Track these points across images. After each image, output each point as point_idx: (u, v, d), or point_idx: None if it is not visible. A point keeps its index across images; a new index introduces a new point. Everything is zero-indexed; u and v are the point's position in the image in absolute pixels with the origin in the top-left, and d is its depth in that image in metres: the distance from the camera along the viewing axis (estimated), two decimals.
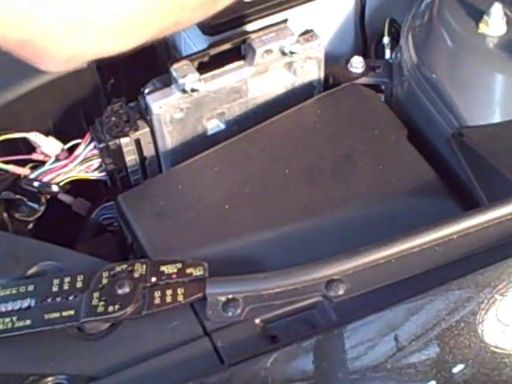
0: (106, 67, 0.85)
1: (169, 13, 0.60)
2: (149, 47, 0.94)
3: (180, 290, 0.56)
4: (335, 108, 0.74)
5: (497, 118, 0.67)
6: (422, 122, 0.73)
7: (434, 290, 0.55)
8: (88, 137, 0.71)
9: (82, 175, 0.72)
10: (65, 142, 0.72)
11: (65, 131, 0.74)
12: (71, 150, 0.72)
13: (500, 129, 0.66)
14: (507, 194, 0.59)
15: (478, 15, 0.69)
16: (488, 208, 0.58)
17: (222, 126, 0.74)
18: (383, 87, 0.78)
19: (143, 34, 0.60)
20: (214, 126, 0.74)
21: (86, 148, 0.71)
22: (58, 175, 0.72)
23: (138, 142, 0.71)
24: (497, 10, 0.68)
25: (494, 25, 0.68)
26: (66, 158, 0.72)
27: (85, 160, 0.71)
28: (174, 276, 0.57)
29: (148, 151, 0.73)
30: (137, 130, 0.71)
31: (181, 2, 0.60)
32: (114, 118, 0.71)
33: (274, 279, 0.56)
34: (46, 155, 0.72)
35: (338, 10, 0.84)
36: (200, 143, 0.73)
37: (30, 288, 0.58)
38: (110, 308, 0.55)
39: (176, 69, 0.69)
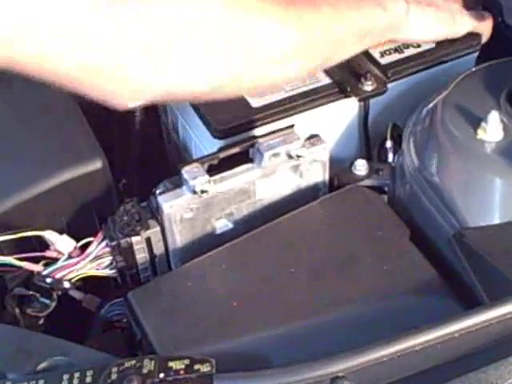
0: (118, 168, 0.88)
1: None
2: (160, 150, 0.99)
3: None
4: (340, 209, 0.76)
5: (496, 220, 0.70)
6: (424, 222, 0.75)
7: None
8: (100, 235, 0.73)
9: (94, 272, 0.74)
10: (78, 240, 0.75)
11: (78, 229, 0.76)
12: (84, 247, 0.74)
13: (500, 230, 0.69)
14: (508, 293, 0.60)
15: (476, 122, 0.72)
16: (489, 307, 0.60)
17: (230, 226, 0.76)
18: (386, 189, 0.81)
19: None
20: (222, 225, 0.76)
21: (98, 246, 0.73)
22: (71, 272, 0.74)
23: (148, 241, 0.74)
24: (494, 117, 0.71)
25: (491, 131, 0.71)
26: (79, 255, 0.74)
27: (96, 257, 0.73)
28: (182, 372, 0.58)
29: (158, 249, 0.75)
30: (148, 228, 0.73)
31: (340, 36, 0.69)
32: (126, 217, 0.73)
33: (279, 376, 0.57)
34: (59, 252, 0.74)
35: (342, 116, 0.87)
36: (208, 242, 0.75)
37: (41, 383, 0.59)
38: None
39: (187, 171, 0.72)
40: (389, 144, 0.84)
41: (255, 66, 0.67)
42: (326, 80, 0.86)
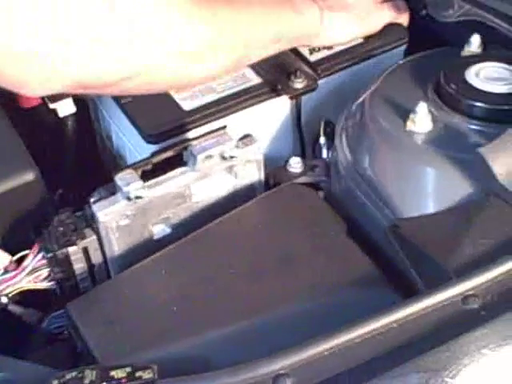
0: (53, 178, 0.87)
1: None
2: (95, 157, 0.98)
3: None
4: (276, 207, 0.77)
5: (430, 209, 0.71)
6: (360, 216, 0.76)
7: (379, 378, 0.57)
8: (36, 247, 0.72)
9: (32, 285, 0.73)
10: (14, 254, 0.74)
11: (13, 243, 0.75)
12: (20, 260, 0.73)
13: (433, 219, 0.70)
14: (443, 280, 0.62)
15: (405, 114, 0.73)
16: (425, 295, 0.60)
17: (168, 231, 0.76)
18: (322, 185, 0.82)
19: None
20: (159, 230, 0.76)
21: (34, 258, 0.72)
22: (8, 286, 0.73)
23: (85, 250, 0.73)
24: (422, 108, 0.72)
25: (420, 122, 0.72)
26: (15, 269, 0.73)
27: (33, 270, 0.72)
28: (124, 380, 0.58)
29: (96, 258, 0.74)
30: (84, 238, 0.72)
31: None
32: (61, 228, 0.72)
33: (221, 377, 0.56)
34: None
35: (274, 114, 0.88)
36: (147, 248, 0.75)
37: None
38: None
39: (120, 178, 0.71)
40: (322, 140, 0.85)
41: (166, 58, 0.69)
42: (257, 79, 0.86)
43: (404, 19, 0.93)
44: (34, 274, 0.73)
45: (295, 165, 0.81)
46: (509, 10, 0.77)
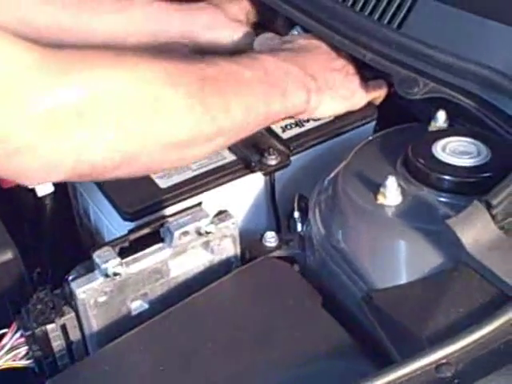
0: (32, 256, 0.88)
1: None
2: (73, 234, 0.99)
3: None
4: (252, 281, 0.78)
5: (402, 280, 0.72)
6: (335, 288, 0.77)
7: None
8: (14, 326, 0.73)
9: (10, 364, 0.73)
10: None
11: None
12: None
13: (405, 290, 0.71)
14: (417, 349, 0.63)
15: (375, 188, 0.75)
16: (399, 364, 0.61)
17: (146, 306, 0.77)
18: (297, 258, 0.83)
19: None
20: (137, 306, 0.77)
21: (12, 337, 0.73)
22: None
23: (63, 327, 0.73)
24: (391, 182, 0.74)
25: (390, 196, 0.74)
26: None
27: (12, 348, 0.72)
28: None
29: (74, 335, 0.74)
30: (62, 315, 0.73)
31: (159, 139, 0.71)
32: (39, 306, 0.73)
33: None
34: None
35: (249, 190, 0.90)
36: (125, 323, 0.75)
37: None
38: None
39: (98, 255, 0.73)
40: (296, 214, 0.87)
41: (159, 147, 0.71)
42: (231, 157, 0.89)
43: (382, 96, 0.98)
44: (12, 352, 0.73)
45: (270, 239, 0.82)
46: (471, 87, 0.80)
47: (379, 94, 0.97)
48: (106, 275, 0.72)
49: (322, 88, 0.89)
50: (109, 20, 0.99)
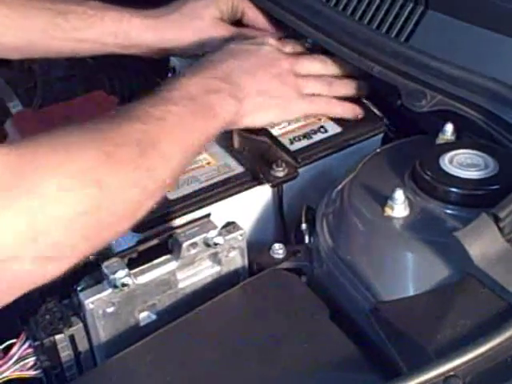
0: None
1: (91, 237, 0.68)
2: None
3: None
4: (260, 293, 0.78)
5: (409, 292, 0.72)
6: (342, 300, 0.77)
7: None
8: (23, 336, 0.73)
9: (18, 374, 0.73)
10: (0, 343, 0.74)
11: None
12: (6, 349, 0.74)
13: (413, 302, 0.71)
14: (424, 362, 0.63)
15: (383, 200, 0.76)
16: (407, 377, 0.62)
17: (154, 317, 0.77)
18: (304, 270, 0.83)
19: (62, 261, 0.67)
20: (145, 317, 0.77)
21: (20, 347, 0.73)
22: None
23: (72, 338, 0.74)
24: (399, 195, 0.75)
25: (397, 208, 0.75)
26: (1, 358, 0.73)
27: (20, 359, 0.73)
28: None
29: (82, 346, 0.75)
30: (71, 325, 0.73)
31: (104, 221, 0.68)
32: (48, 316, 0.73)
33: None
34: None
35: (257, 202, 0.90)
36: (133, 334, 0.76)
37: None
38: None
39: (106, 266, 0.73)
40: (304, 226, 0.87)
41: (108, 226, 0.70)
42: (239, 169, 0.89)
43: (333, 112, 0.97)
44: (20, 362, 0.73)
45: (278, 250, 0.82)
46: (478, 100, 0.81)
47: (327, 110, 0.96)
48: (115, 286, 0.72)
49: (251, 93, 0.89)
50: (79, 35, 1.02)
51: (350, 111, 0.97)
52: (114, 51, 1.05)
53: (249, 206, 0.89)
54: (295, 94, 0.94)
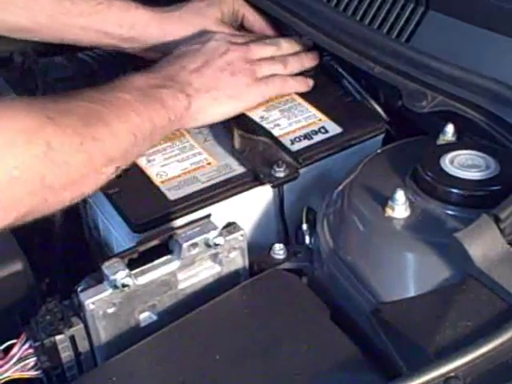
0: (41, 267, 0.89)
1: (36, 193, 0.70)
2: (82, 246, 1.00)
3: None
4: (260, 294, 0.78)
5: (410, 293, 0.72)
6: (343, 301, 0.77)
7: None
8: (23, 336, 0.73)
9: (19, 374, 0.73)
10: (0, 343, 0.74)
11: (0, 332, 0.76)
12: (7, 350, 0.74)
13: (413, 303, 0.71)
14: (424, 363, 0.63)
15: (384, 201, 0.76)
16: (407, 377, 0.62)
17: (154, 318, 0.77)
18: (305, 271, 0.83)
19: (6, 213, 0.69)
20: (146, 317, 0.77)
21: (21, 347, 0.73)
22: None
23: (72, 339, 0.74)
24: (400, 195, 0.74)
25: (398, 209, 0.75)
26: (2, 358, 0.73)
27: (21, 359, 0.73)
28: None
29: (83, 346, 0.75)
30: (71, 326, 0.73)
31: (49, 182, 0.70)
32: (48, 317, 0.73)
33: None
34: None
35: (258, 202, 0.90)
36: (133, 335, 0.75)
37: None
38: None
39: (107, 266, 0.73)
40: (305, 227, 0.87)
41: (55, 193, 0.73)
42: (240, 169, 0.89)
43: (290, 89, 0.99)
44: (21, 363, 0.73)
45: (278, 251, 0.82)
46: (479, 100, 0.81)
47: (278, 91, 0.98)
48: (115, 286, 0.72)
49: (200, 90, 0.90)
50: (84, 21, 1.03)
51: (304, 84, 0.99)
52: (116, 45, 1.07)
53: (249, 207, 0.89)
54: (249, 81, 0.95)
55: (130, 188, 0.87)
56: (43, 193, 0.71)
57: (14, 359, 0.73)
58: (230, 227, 0.79)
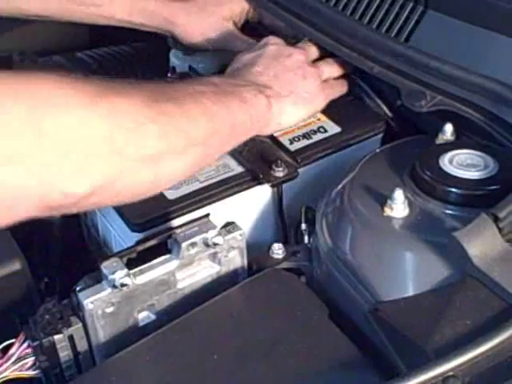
0: (39, 267, 0.89)
1: (107, 158, 0.65)
2: (81, 245, 1.00)
3: None
4: (259, 293, 0.78)
5: (408, 292, 0.72)
6: (342, 300, 0.77)
7: None
8: (22, 336, 0.73)
9: (17, 374, 0.73)
10: None
11: None
12: (5, 349, 0.74)
13: (412, 302, 0.71)
14: (423, 362, 0.63)
15: (382, 200, 0.76)
16: (406, 377, 0.61)
17: (153, 317, 0.77)
18: (304, 270, 0.83)
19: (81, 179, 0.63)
20: (144, 317, 0.77)
21: (19, 347, 0.73)
22: None
23: (71, 338, 0.74)
24: (398, 194, 0.74)
25: (397, 208, 0.75)
26: (0, 358, 0.73)
27: (19, 359, 0.73)
28: None
29: (81, 346, 0.75)
30: (70, 326, 0.73)
31: (119, 147, 0.65)
32: (47, 316, 0.73)
33: None
34: None
35: (257, 202, 0.90)
36: (132, 334, 0.75)
37: None
38: None
39: (105, 266, 0.73)
40: (304, 226, 0.87)
41: (123, 166, 0.66)
42: (239, 169, 0.89)
43: (342, 92, 0.99)
44: (19, 362, 0.73)
45: (277, 250, 0.82)
46: (478, 100, 0.81)
47: (339, 93, 0.98)
48: (114, 286, 0.72)
49: (281, 93, 0.88)
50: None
51: (346, 87, 0.99)
52: (121, 19, 1.08)
53: (248, 206, 0.89)
54: (318, 84, 0.94)
55: None
56: (115, 160, 0.65)
57: (13, 359, 0.73)
58: (229, 227, 0.79)
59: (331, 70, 0.98)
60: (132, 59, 1.14)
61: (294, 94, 0.90)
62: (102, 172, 0.64)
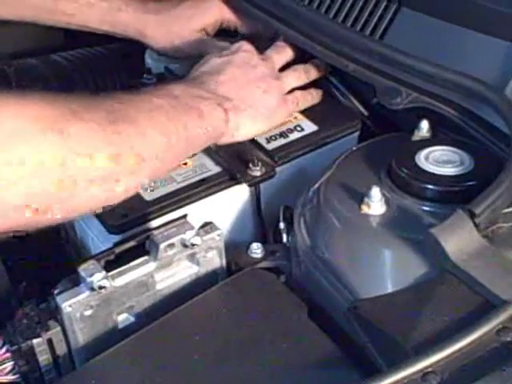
0: (17, 270, 0.88)
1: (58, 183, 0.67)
2: (59, 248, 0.99)
3: None
4: (238, 292, 0.78)
5: (387, 289, 0.72)
6: (321, 298, 0.77)
7: None
8: (0, 341, 0.73)
9: None
10: None
11: None
12: None
13: (390, 299, 0.71)
14: (402, 358, 0.63)
15: (359, 198, 0.76)
16: (385, 373, 0.62)
17: (132, 319, 0.77)
18: (283, 269, 0.83)
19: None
20: (124, 319, 0.77)
21: None
22: None
23: (50, 342, 0.73)
24: (375, 192, 0.75)
25: (374, 205, 0.75)
26: None
27: None
28: None
29: (60, 349, 0.74)
30: (48, 329, 0.73)
31: (71, 172, 0.67)
32: (25, 320, 0.73)
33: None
34: None
35: (234, 202, 0.90)
36: (111, 337, 0.75)
37: None
38: None
39: (83, 268, 0.73)
40: (282, 225, 0.87)
41: (81, 186, 0.69)
42: (216, 169, 0.89)
43: (309, 104, 0.98)
44: None
45: (256, 250, 0.82)
46: (453, 96, 0.81)
47: (304, 106, 0.98)
48: (92, 289, 0.72)
49: (240, 107, 0.89)
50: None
51: (317, 96, 0.99)
52: (94, 27, 1.09)
53: (226, 206, 0.89)
54: (279, 99, 0.94)
55: None
56: (67, 183, 0.68)
57: None
58: (207, 227, 0.79)
59: (297, 80, 0.97)
60: (108, 60, 1.13)
61: (253, 108, 0.91)
62: (53, 195, 0.67)
